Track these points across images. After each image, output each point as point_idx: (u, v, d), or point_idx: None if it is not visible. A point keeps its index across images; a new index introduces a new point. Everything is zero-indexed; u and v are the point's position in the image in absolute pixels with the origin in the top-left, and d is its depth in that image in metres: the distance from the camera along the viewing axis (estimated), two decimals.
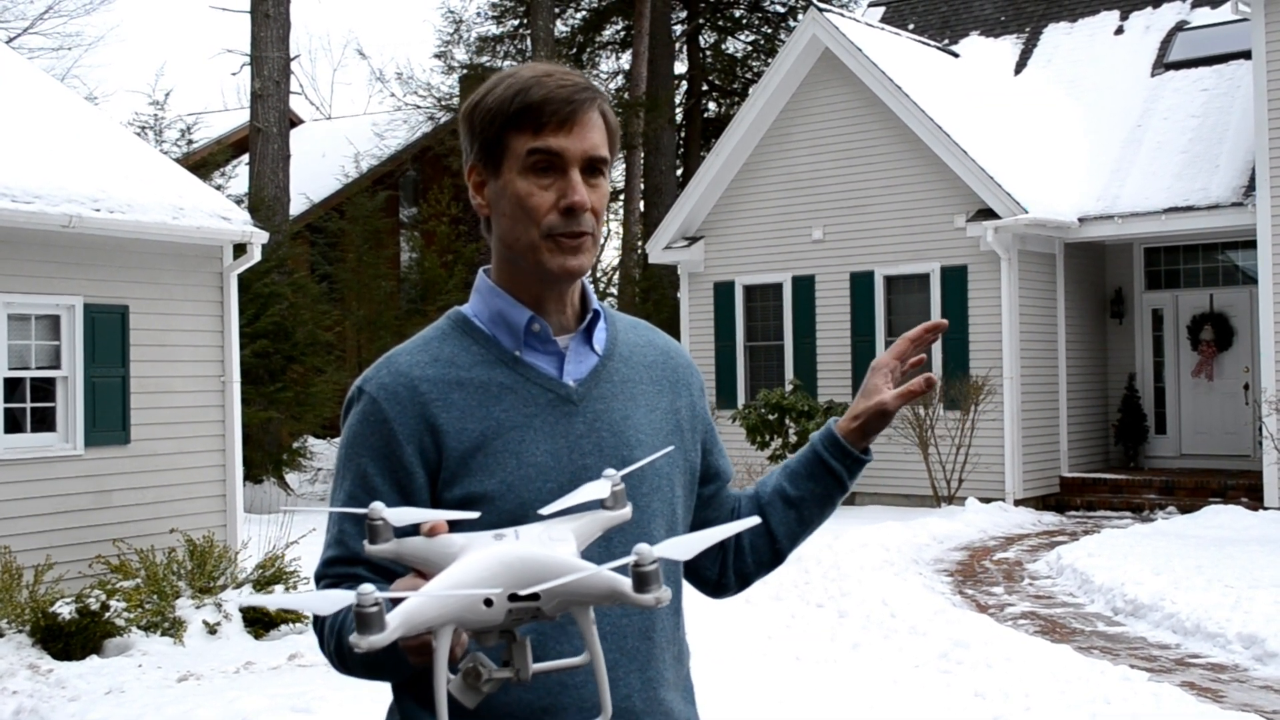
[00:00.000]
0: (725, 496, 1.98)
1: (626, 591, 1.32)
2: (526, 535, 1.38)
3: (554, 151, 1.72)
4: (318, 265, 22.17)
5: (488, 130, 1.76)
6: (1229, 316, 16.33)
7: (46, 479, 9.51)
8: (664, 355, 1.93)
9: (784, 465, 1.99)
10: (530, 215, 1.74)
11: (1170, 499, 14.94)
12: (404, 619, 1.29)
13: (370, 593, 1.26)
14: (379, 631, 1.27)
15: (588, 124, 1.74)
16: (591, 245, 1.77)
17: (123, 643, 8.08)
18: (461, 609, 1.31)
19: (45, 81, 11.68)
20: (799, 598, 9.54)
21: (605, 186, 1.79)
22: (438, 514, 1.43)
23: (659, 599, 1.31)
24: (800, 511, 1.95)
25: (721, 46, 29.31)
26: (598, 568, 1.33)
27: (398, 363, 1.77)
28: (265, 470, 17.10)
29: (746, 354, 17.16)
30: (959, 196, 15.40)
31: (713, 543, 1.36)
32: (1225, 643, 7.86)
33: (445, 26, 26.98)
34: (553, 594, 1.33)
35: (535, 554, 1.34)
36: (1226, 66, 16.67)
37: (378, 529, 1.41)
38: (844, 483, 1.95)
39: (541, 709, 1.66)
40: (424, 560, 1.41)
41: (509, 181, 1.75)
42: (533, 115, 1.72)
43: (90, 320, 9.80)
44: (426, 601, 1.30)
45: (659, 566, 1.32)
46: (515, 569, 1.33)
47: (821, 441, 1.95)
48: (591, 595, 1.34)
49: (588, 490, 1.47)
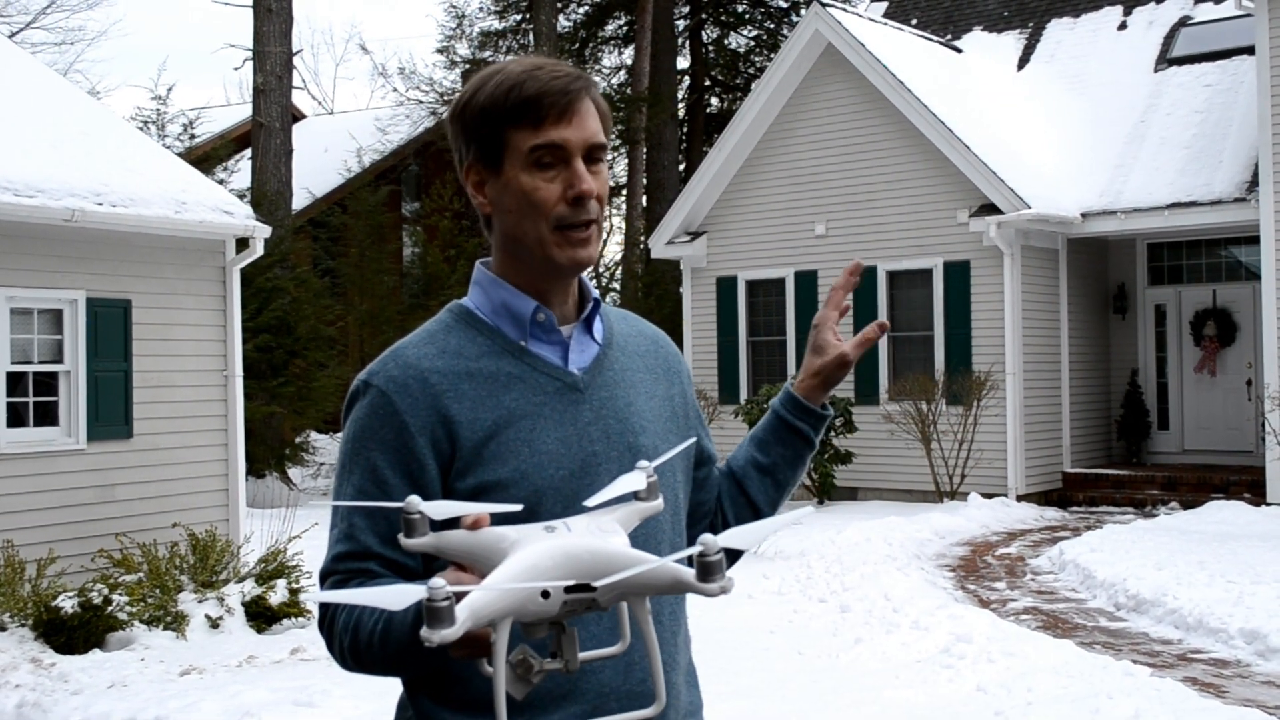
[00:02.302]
0: (712, 478, 2.02)
1: (692, 581, 1.33)
2: (577, 527, 1.39)
3: (557, 144, 1.73)
4: (320, 260, 22.17)
5: (484, 129, 1.76)
6: (1232, 312, 16.31)
7: (49, 473, 9.52)
8: (654, 344, 1.96)
9: (750, 436, 2.04)
10: (539, 209, 1.74)
11: (1173, 494, 14.94)
12: (472, 611, 1.29)
13: (442, 587, 1.27)
14: (449, 625, 1.27)
15: (584, 112, 1.76)
16: (598, 234, 1.79)
17: (125, 636, 8.09)
18: (524, 601, 1.31)
19: (48, 76, 11.68)
20: (801, 593, 9.54)
21: (605, 173, 1.81)
22: (478, 507, 1.43)
23: (723, 588, 1.33)
24: (775, 476, 2.00)
25: (724, 42, 29.30)
26: (662, 560, 1.34)
27: (405, 355, 1.77)
28: (268, 465, 17.12)
29: (749, 349, 17.16)
30: (962, 192, 15.38)
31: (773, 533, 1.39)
32: (1227, 638, 7.86)
33: (448, 21, 26.90)
34: (616, 586, 1.33)
35: (598, 546, 1.35)
36: (1230, 62, 16.64)
37: (414, 523, 1.41)
38: (810, 440, 2.00)
39: (561, 695, 1.67)
40: (468, 553, 1.41)
41: (512, 178, 1.75)
42: (531, 110, 1.72)
43: (93, 314, 9.80)
44: (493, 594, 1.30)
45: (723, 557, 1.33)
46: (582, 561, 1.34)
47: (783, 405, 2.00)
48: (656, 586, 1.35)
49: (625, 482, 1.49)
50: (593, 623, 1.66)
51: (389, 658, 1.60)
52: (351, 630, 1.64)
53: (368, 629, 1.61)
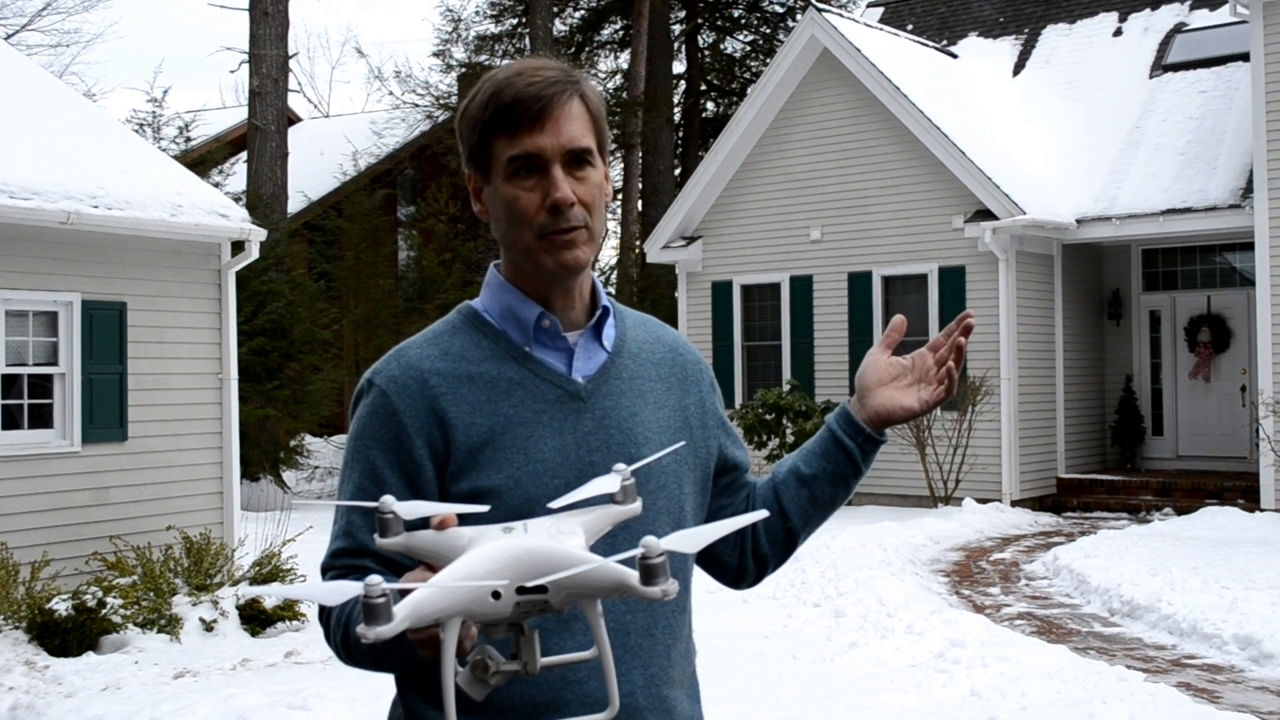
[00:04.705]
0: (741, 484, 1.98)
1: (633, 584, 1.32)
2: (535, 529, 1.39)
3: (531, 153, 1.72)
4: (315, 263, 22.15)
5: (472, 138, 1.77)
6: (1226, 318, 16.34)
7: (43, 475, 9.51)
8: (673, 352, 1.93)
9: (801, 448, 2.00)
10: (521, 219, 1.74)
11: (1167, 500, 14.95)
12: (411, 610, 1.29)
13: (377, 584, 1.27)
14: (386, 623, 1.27)
15: (562, 117, 1.73)
16: (587, 237, 1.76)
17: (119, 639, 8.08)
18: (469, 601, 1.31)
19: (43, 78, 11.67)
20: (796, 597, 9.54)
21: (594, 175, 1.77)
22: (448, 507, 1.43)
23: (665, 592, 1.31)
24: (813, 490, 1.95)
25: (720, 46, 29.32)
26: (604, 560, 1.32)
27: (408, 356, 1.78)
28: (262, 468, 17.09)
29: (744, 354, 17.17)
30: (957, 197, 15.40)
31: (719, 535, 1.35)
32: (1221, 644, 7.87)
33: (444, 25, 26.89)
34: (560, 586, 1.32)
35: (543, 546, 1.34)
36: (1225, 68, 16.68)
37: (388, 522, 1.42)
38: (857, 463, 1.96)
39: (545, 704, 1.66)
40: (433, 553, 1.41)
41: (497, 187, 1.75)
42: (505, 119, 1.72)
43: (88, 317, 9.80)
44: (434, 593, 1.30)
45: (666, 559, 1.31)
46: (523, 561, 1.33)
47: (836, 420, 1.96)
48: (599, 588, 1.34)
49: (597, 485, 1.47)
50: (581, 633, 1.66)
51: (375, 654, 1.61)
52: (343, 626, 1.66)
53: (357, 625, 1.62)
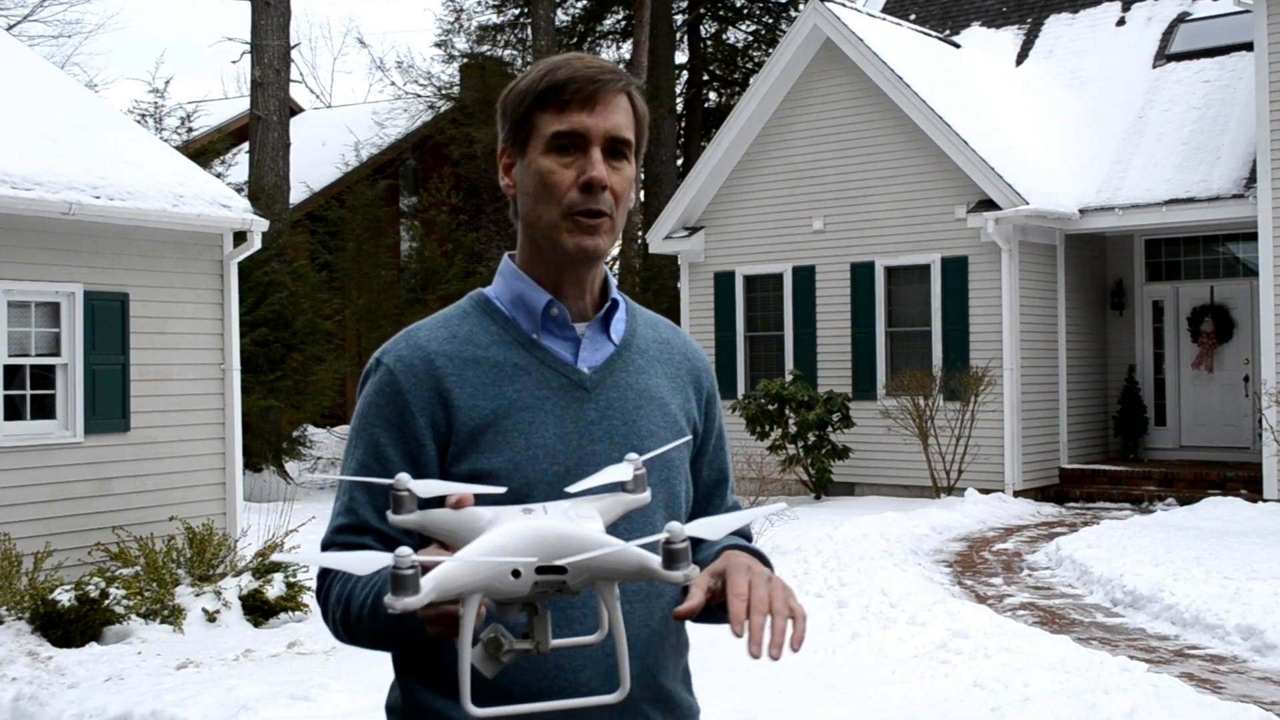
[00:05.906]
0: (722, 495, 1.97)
1: (656, 568, 1.34)
2: (555, 511, 1.41)
3: (577, 130, 1.76)
4: (318, 254, 22.14)
5: (517, 111, 1.81)
6: (1229, 308, 16.31)
7: (46, 466, 9.51)
8: (681, 356, 1.95)
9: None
10: (551, 192, 1.77)
11: (1169, 491, 14.95)
12: (437, 583, 1.31)
13: (408, 555, 1.28)
14: (414, 594, 1.29)
15: (611, 105, 1.79)
16: (610, 228, 1.79)
17: (122, 630, 8.09)
18: (491, 577, 1.33)
19: (45, 69, 11.66)
20: (798, 588, 9.53)
21: (628, 170, 1.81)
22: (465, 487, 1.45)
23: (688, 576, 1.33)
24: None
25: (722, 36, 29.27)
26: (627, 544, 1.34)
27: (416, 337, 1.81)
28: (265, 459, 17.10)
29: (746, 344, 17.16)
30: (960, 187, 15.38)
31: (740, 525, 1.38)
32: (1224, 634, 7.87)
33: (446, 15, 26.97)
34: (581, 568, 1.34)
35: (566, 529, 1.36)
36: (1228, 58, 16.64)
37: (402, 499, 1.43)
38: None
39: (538, 690, 1.67)
40: (449, 531, 1.43)
41: (534, 160, 1.79)
42: (557, 94, 1.76)
43: (90, 308, 9.79)
44: (459, 567, 1.32)
45: (689, 545, 1.34)
46: (548, 541, 1.34)
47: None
48: (621, 571, 1.36)
49: (611, 472, 1.49)
50: (578, 621, 1.67)
51: (377, 631, 1.63)
52: (344, 601, 1.67)
53: (359, 601, 1.64)
